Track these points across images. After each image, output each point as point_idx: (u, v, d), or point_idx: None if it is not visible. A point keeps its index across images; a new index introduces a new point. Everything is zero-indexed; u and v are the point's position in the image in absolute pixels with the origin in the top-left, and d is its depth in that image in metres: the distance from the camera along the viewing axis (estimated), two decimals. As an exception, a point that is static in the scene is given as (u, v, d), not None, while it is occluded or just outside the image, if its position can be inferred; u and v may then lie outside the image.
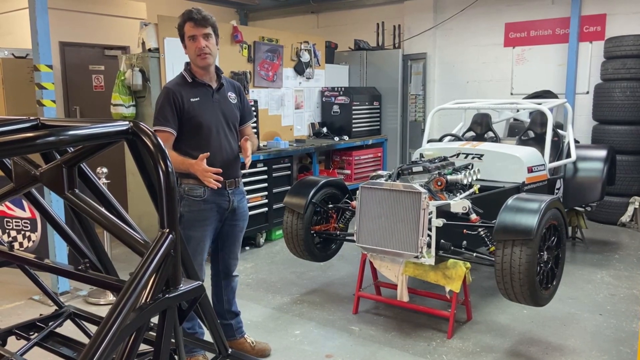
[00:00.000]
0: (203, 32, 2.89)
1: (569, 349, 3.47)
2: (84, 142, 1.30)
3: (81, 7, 6.54)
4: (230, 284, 3.30)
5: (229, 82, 3.17)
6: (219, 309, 3.30)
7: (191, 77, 2.98)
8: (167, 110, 2.89)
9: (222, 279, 3.26)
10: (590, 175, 5.10)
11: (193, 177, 2.91)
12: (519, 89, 7.34)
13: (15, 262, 1.75)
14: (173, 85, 2.97)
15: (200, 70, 2.98)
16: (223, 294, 3.29)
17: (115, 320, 1.14)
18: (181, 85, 2.97)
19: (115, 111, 5.23)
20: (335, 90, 7.36)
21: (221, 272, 3.25)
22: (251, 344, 3.36)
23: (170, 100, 2.90)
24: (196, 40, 2.89)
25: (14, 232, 4.72)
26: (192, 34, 2.90)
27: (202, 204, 2.97)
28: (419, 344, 3.54)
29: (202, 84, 2.99)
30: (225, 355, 1.75)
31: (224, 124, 3.04)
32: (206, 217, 3.00)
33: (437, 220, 3.46)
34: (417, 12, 7.98)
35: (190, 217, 2.97)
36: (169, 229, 1.31)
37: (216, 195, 3.00)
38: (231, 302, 3.32)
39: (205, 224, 3.01)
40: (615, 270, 4.90)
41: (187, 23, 2.90)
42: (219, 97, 3.05)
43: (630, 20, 6.48)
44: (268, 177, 5.81)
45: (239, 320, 3.39)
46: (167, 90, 2.95)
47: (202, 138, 2.96)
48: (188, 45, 2.93)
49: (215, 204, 3.01)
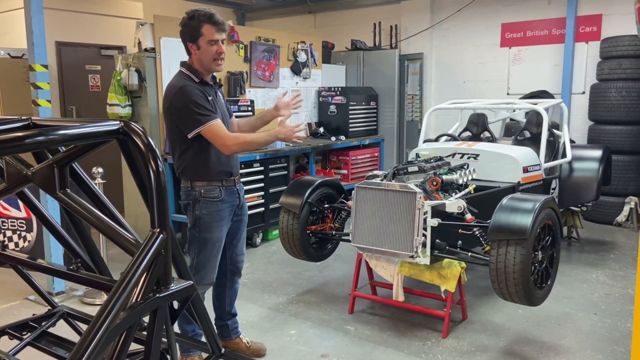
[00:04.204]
0: (223, 38, 2.86)
1: (564, 348, 3.48)
2: (74, 142, 1.30)
3: (77, 7, 6.54)
4: (234, 285, 3.28)
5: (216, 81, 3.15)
6: (218, 310, 3.28)
7: (198, 77, 2.91)
8: (205, 103, 2.81)
9: (227, 279, 3.23)
10: (586, 175, 5.11)
11: (205, 179, 2.90)
12: (515, 89, 7.36)
13: (8, 262, 1.75)
14: (191, 83, 2.87)
15: (205, 72, 2.93)
16: (226, 295, 3.26)
17: (105, 320, 1.15)
18: (196, 84, 2.88)
19: (111, 111, 5.23)
20: (332, 90, 7.36)
21: (228, 271, 3.22)
22: (247, 344, 3.36)
23: (201, 95, 2.82)
24: (217, 45, 2.84)
25: (10, 232, 4.71)
26: (214, 39, 2.83)
27: (219, 204, 2.95)
28: (414, 344, 3.55)
29: (207, 84, 2.96)
30: (218, 354, 1.76)
31: (227, 122, 3.04)
32: (223, 217, 2.99)
33: (433, 220, 3.46)
34: (414, 13, 8.00)
35: (208, 219, 2.94)
36: (159, 228, 1.32)
37: (230, 194, 3.01)
38: (232, 304, 3.32)
39: (222, 224, 2.99)
40: (610, 270, 4.92)
41: (207, 25, 2.81)
42: (218, 96, 3.06)
43: (626, 21, 6.49)
44: (264, 177, 5.81)
45: (235, 320, 3.39)
46: (191, 87, 2.83)
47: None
48: (205, 48, 2.83)
49: (229, 203, 3.01)
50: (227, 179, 3.00)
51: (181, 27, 2.89)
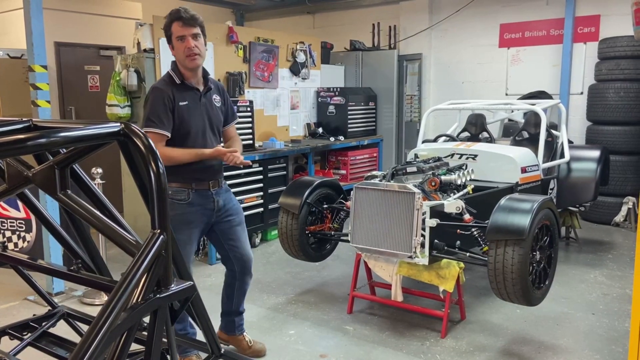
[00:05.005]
0: (192, 32, 2.82)
1: (562, 348, 3.49)
2: (76, 144, 1.31)
3: (76, 7, 6.54)
4: (244, 286, 3.27)
5: (214, 83, 3.10)
6: (226, 307, 3.32)
7: (179, 78, 2.90)
8: (162, 111, 2.81)
9: (236, 278, 3.22)
10: (584, 176, 5.12)
11: (177, 181, 2.88)
12: (513, 90, 7.37)
13: (8, 263, 1.76)
14: (163, 86, 2.89)
15: (188, 72, 2.91)
16: (235, 295, 3.27)
17: (106, 320, 1.15)
18: (170, 87, 2.88)
19: (110, 111, 5.23)
20: (331, 90, 7.37)
21: (237, 271, 3.20)
22: (248, 342, 3.38)
23: (164, 101, 2.82)
24: (185, 40, 2.81)
25: (9, 233, 4.72)
26: (180, 34, 2.82)
27: (186, 207, 2.92)
28: (412, 344, 3.56)
29: (190, 88, 2.92)
30: (218, 355, 1.76)
31: (208, 129, 2.98)
32: (192, 220, 2.95)
33: (431, 221, 3.47)
34: (413, 13, 8.01)
35: (175, 220, 2.91)
36: (160, 229, 1.33)
37: (201, 198, 2.96)
38: (240, 303, 3.34)
39: (191, 226, 2.95)
40: (608, 270, 4.93)
41: (175, 23, 2.82)
42: (206, 100, 2.99)
43: (624, 21, 6.49)
44: (263, 178, 5.82)
45: (242, 318, 3.40)
46: (159, 90, 2.86)
47: (187, 143, 2.89)
48: (176, 45, 2.85)
49: (200, 206, 2.96)
50: (199, 183, 2.95)
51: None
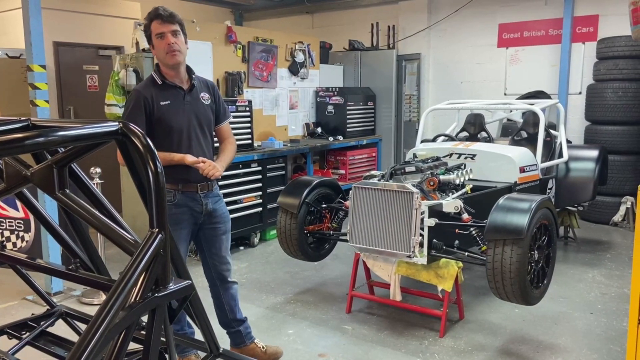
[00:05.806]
0: (171, 29, 2.78)
1: (560, 348, 3.50)
2: (74, 143, 1.31)
3: (75, 7, 6.54)
4: (228, 291, 3.17)
5: (201, 81, 3.05)
6: (223, 319, 3.21)
7: (161, 78, 2.86)
8: (137, 114, 2.78)
9: (218, 287, 3.16)
10: (582, 175, 5.13)
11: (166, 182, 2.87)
12: (512, 90, 7.38)
13: (6, 262, 1.76)
14: (143, 88, 2.86)
15: (170, 71, 2.87)
16: (224, 303, 3.18)
17: (105, 319, 1.15)
18: (151, 88, 2.85)
19: (109, 111, 5.22)
20: (330, 90, 7.37)
21: (216, 279, 3.15)
22: (262, 349, 3.28)
23: (140, 103, 2.79)
24: (164, 37, 2.78)
25: (7, 232, 4.71)
26: (159, 32, 2.78)
27: (173, 207, 2.88)
28: (411, 343, 3.56)
29: (172, 86, 2.88)
30: (216, 353, 1.77)
31: (196, 127, 2.94)
32: (179, 221, 2.91)
33: (430, 220, 3.48)
34: (412, 13, 8.01)
35: None
36: (158, 228, 1.32)
37: (188, 199, 2.93)
38: (234, 310, 3.21)
39: (178, 227, 2.90)
40: (606, 269, 4.94)
41: (154, 21, 2.79)
42: (191, 99, 2.94)
43: (623, 21, 6.49)
44: (262, 177, 5.82)
45: (247, 325, 3.29)
46: (137, 93, 2.83)
47: (172, 143, 2.86)
48: (156, 44, 2.81)
49: (187, 207, 2.93)
50: (186, 185, 2.92)
51: None
